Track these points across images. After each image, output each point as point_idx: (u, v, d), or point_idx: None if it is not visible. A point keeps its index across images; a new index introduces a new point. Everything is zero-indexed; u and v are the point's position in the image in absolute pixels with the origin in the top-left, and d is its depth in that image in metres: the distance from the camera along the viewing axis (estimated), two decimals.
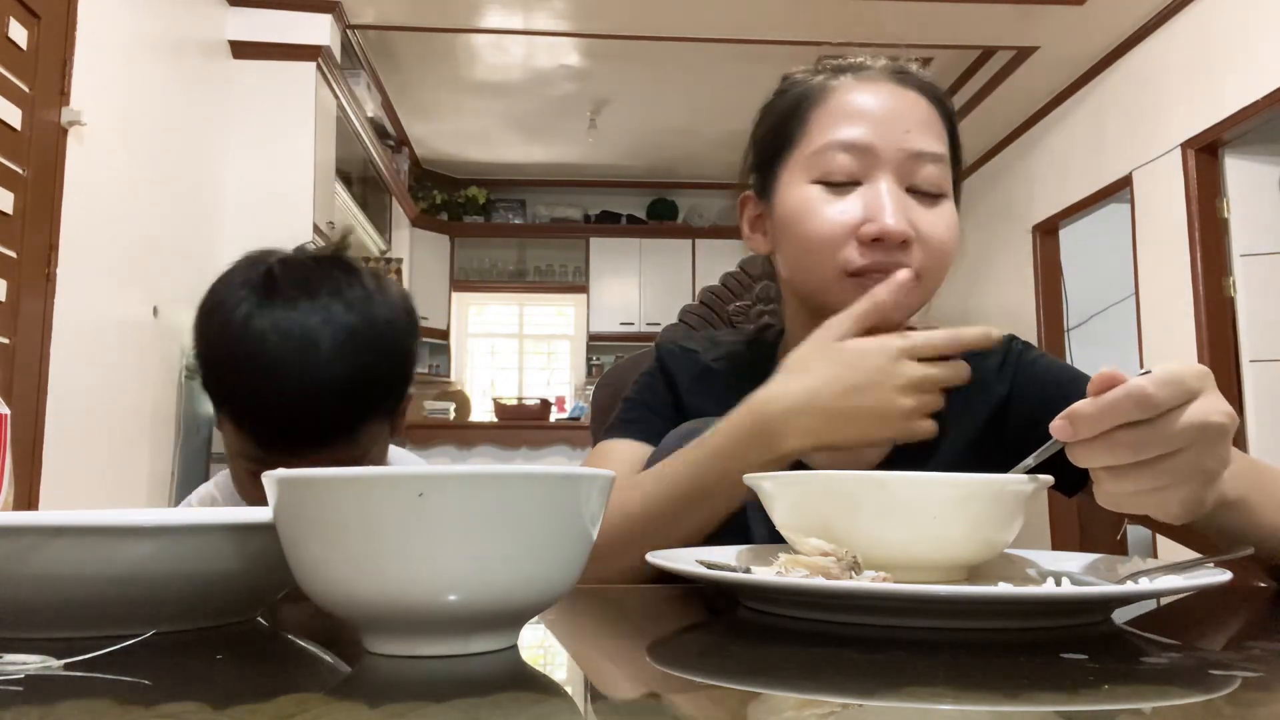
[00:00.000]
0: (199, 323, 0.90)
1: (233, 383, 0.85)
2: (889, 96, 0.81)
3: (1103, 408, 0.51)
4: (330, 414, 0.83)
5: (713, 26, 4.48)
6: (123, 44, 3.17)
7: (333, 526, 0.39)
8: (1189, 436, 0.51)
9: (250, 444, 0.84)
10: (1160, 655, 0.45)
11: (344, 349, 0.83)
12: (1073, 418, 0.52)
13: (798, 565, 0.53)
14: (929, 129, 0.81)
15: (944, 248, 0.80)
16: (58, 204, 2.73)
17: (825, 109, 0.82)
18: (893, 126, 0.79)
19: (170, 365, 3.57)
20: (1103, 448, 0.52)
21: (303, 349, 0.82)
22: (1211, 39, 3.89)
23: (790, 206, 0.82)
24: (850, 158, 0.79)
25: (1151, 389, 0.50)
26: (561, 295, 7.52)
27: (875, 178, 0.79)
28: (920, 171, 0.79)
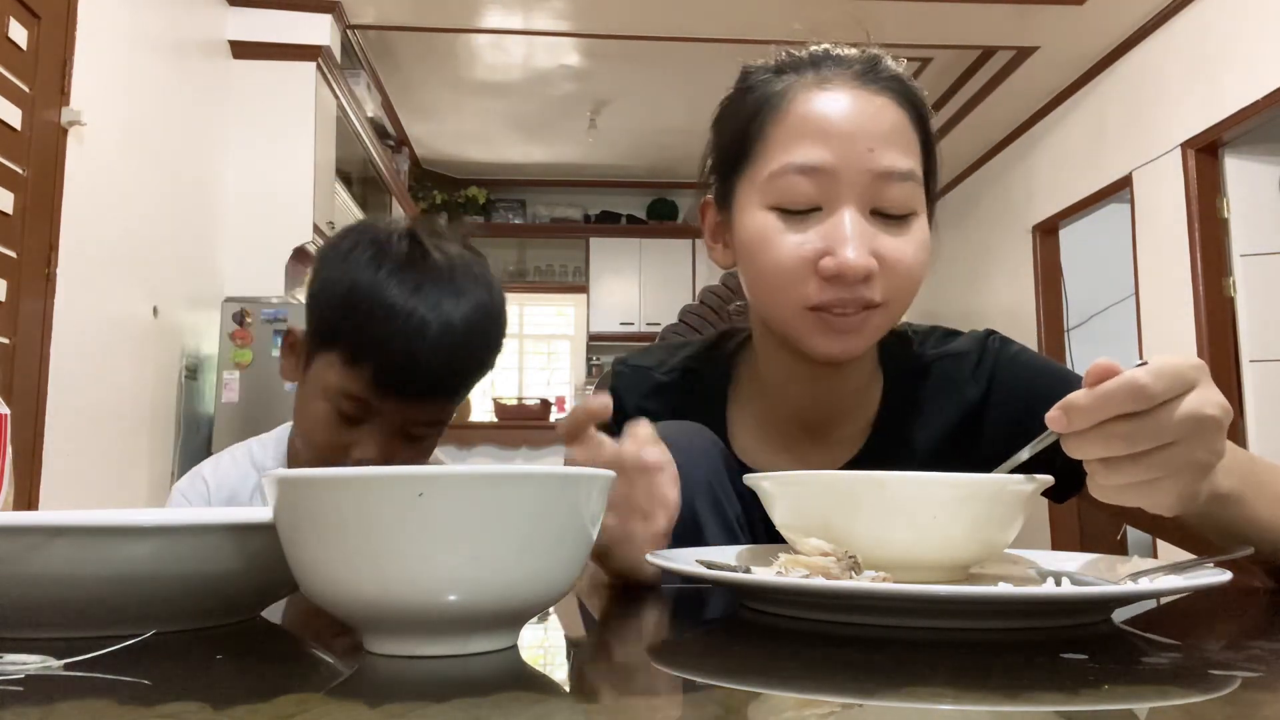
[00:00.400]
0: (322, 263, 0.95)
1: (361, 321, 0.89)
2: (851, 106, 0.75)
3: (1098, 399, 0.50)
4: (451, 369, 0.90)
5: (713, 26, 4.48)
6: (123, 44, 3.17)
7: (333, 526, 0.39)
8: (1184, 429, 0.51)
9: (359, 383, 0.89)
10: (1160, 655, 0.45)
11: (476, 316, 0.91)
12: (1068, 409, 0.51)
13: (798, 565, 0.53)
14: (896, 141, 0.75)
15: (910, 275, 0.75)
16: (58, 204, 2.73)
17: (783, 123, 0.76)
18: (855, 144, 0.73)
19: (170, 365, 3.57)
20: (1097, 439, 0.51)
21: (440, 305, 0.89)
22: (1211, 39, 3.89)
23: (747, 235, 0.77)
24: (809, 182, 0.73)
25: (1147, 380, 0.50)
26: (561, 295, 7.52)
27: (836, 203, 0.73)
28: (887, 192, 0.74)
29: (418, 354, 0.88)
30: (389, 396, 0.89)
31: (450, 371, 0.91)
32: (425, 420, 0.93)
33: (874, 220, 0.74)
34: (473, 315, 0.91)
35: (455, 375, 0.92)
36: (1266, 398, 3.78)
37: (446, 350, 0.89)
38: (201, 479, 1.06)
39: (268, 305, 3.76)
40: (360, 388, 0.89)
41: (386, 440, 0.92)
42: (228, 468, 1.07)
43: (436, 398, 0.92)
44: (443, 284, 0.90)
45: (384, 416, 0.91)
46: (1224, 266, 3.89)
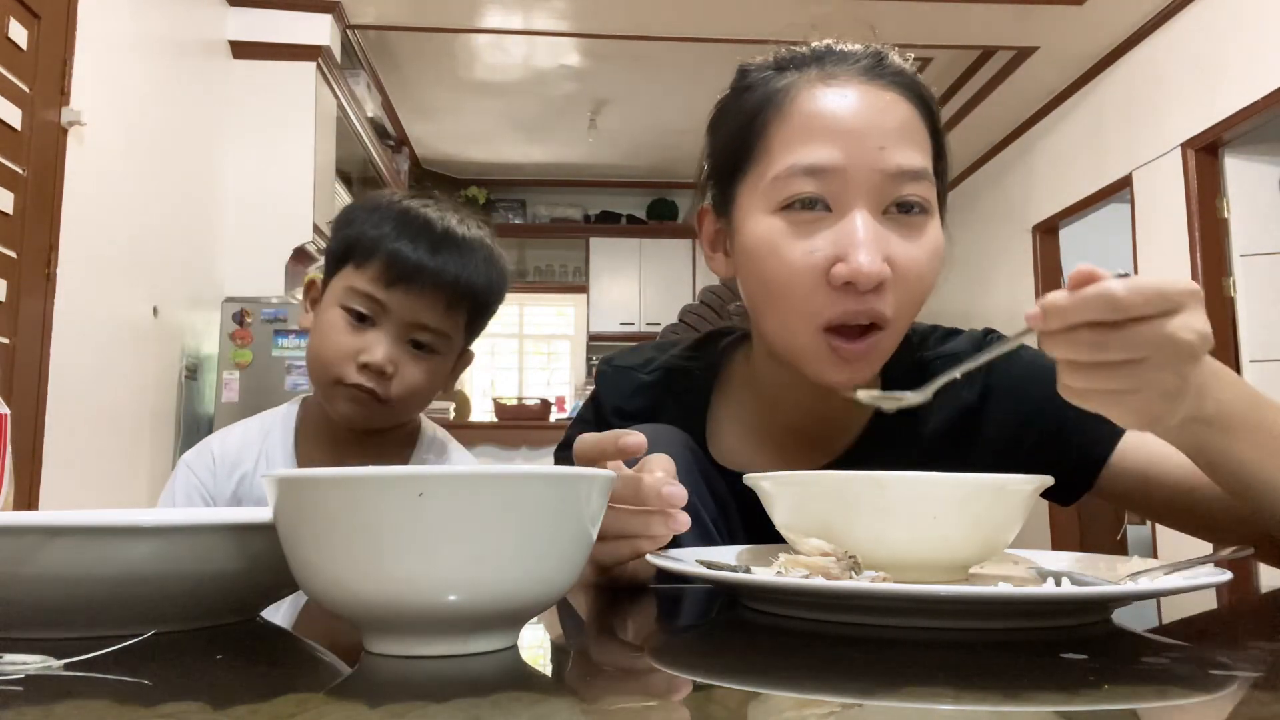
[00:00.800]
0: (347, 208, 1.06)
1: (375, 223, 0.99)
2: (860, 102, 0.71)
3: (1072, 303, 0.50)
4: (453, 270, 0.98)
5: (713, 26, 4.48)
6: (123, 44, 3.17)
7: (333, 526, 0.39)
8: (1153, 347, 0.50)
9: (368, 278, 0.97)
10: (1160, 655, 0.45)
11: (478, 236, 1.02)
12: (1045, 307, 0.51)
13: (798, 565, 0.53)
14: (908, 138, 0.71)
15: (922, 283, 0.72)
16: (58, 204, 2.73)
17: (787, 122, 0.72)
18: (865, 142, 0.69)
19: (170, 365, 3.57)
20: (1065, 341, 0.51)
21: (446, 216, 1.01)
22: (1211, 39, 3.89)
23: (751, 242, 0.73)
24: (817, 183, 0.69)
25: (1121, 293, 0.50)
26: (561, 295, 7.52)
27: (847, 206, 0.69)
28: (899, 191, 0.70)
29: (422, 246, 0.97)
30: (393, 287, 0.96)
31: (453, 273, 0.98)
32: (427, 325, 0.98)
33: (886, 222, 0.70)
34: (475, 234, 1.01)
35: (458, 279, 0.98)
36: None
37: (451, 251, 0.98)
38: (209, 450, 1.08)
39: (268, 305, 3.77)
40: (369, 282, 0.97)
41: (393, 343, 0.98)
42: (234, 439, 1.09)
43: (438, 296, 0.98)
44: (448, 210, 1.02)
45: (391, 316, 0.98)
46: (1224, 266, 3.89)
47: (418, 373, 1.00)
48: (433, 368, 1.01)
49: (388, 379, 0.98)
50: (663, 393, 0.87)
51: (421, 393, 1.02)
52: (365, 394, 0.98)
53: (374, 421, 1.02)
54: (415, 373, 0.99)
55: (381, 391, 0.98)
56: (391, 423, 1.05)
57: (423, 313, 0.98)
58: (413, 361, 0.99)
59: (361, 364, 0.96)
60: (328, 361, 0.98)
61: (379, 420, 1.02)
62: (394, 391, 0.98)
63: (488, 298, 1.03)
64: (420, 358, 1.00)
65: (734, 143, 0.76)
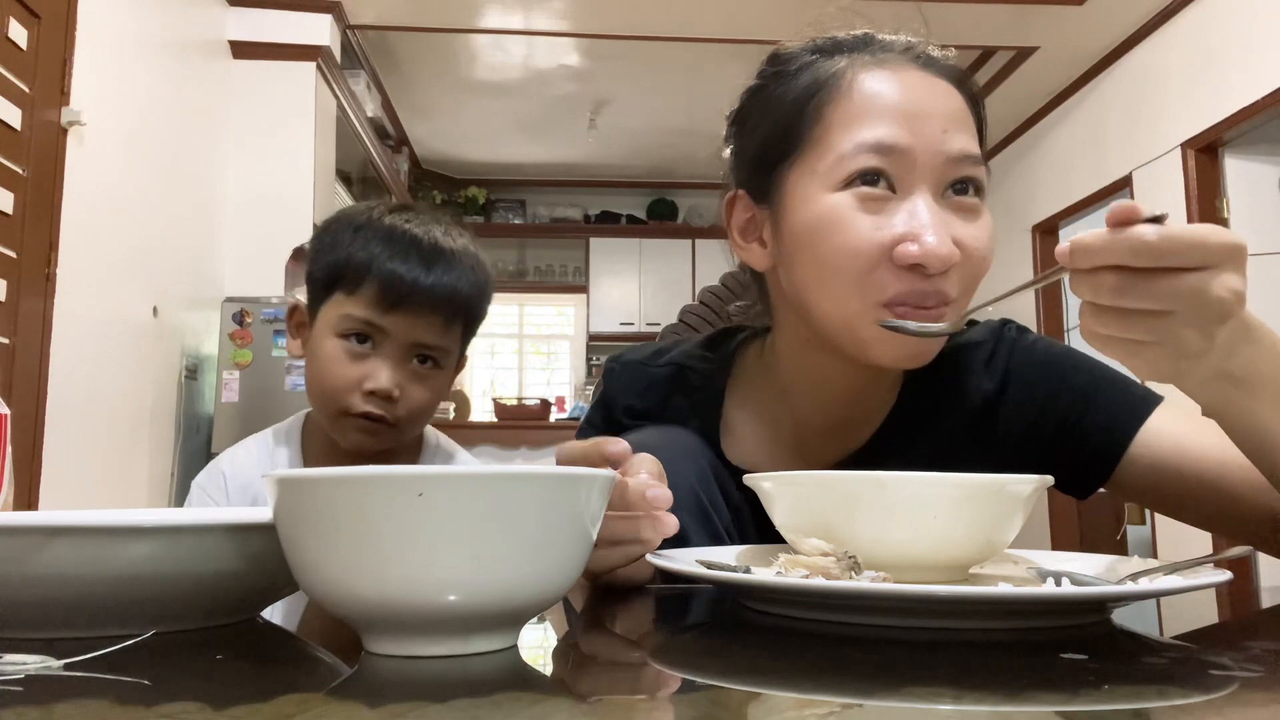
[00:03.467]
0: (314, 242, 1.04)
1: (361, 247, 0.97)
2: (919, 87, 0.71)
3: (1101, 243, 0.48)
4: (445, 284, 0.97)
5: (713, 26, 4.48)
6: (123, 44, 3.17)
7: (333, 526, 0.39)
8: (1180, 302, 0.49)
9: (362, 305, 0.96)
10: (1160, 655, 0.45)
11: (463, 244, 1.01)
12: (1075, 246, 0.50)
13: (798, 565, 0.53)
14: (965, 125, 0.71)
15: (983, 265, 0.71)
16: (58, 204, 2.73)
17: (846, 103, 0.70)
18: (929, 124, 0.69)
19: (170, 365, 3.57)
20: (1090, 282, 0.50)
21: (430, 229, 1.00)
22: (1212, 39, 3.89)
23: (810, 220, 0.70)
24: (883, 161, 0.68)
25: (1153, 239, 0.47)
26: (561, 295, 7.52)
27: (910, 187, 0.69)
28: (959, 173, 0.70)
29: (416, 268, 0.96)
30: (391, 311, 0.96)
31: (448, 288, 0.98)
32: (427, 343, 0.98)
33: (945, 204, 0.70)
34: (460, 243, 1.01)
35: (454, 294, 0.98)
36: None
37: (440, 266, 0.97)
38: (220, 471, 1.08)
39: (268, 305, 3.77)
40: (365, 308, 0.96)
41: (396, 366, 0.97)
42: (243, 458, 1.09)
43: (434, 315, 0.97)
44: (431, 224, 1.01)
45: (390, 339, 0.97)
46: None
47: (423, 391, 1.00)
48: (436, 383, 1.02)
49: (395, 402, 0.97)
50: (674, 390, 0.85)
51: (428, 410, 1.02)
52: (374, 421, 0.97)
53: (383, 444, 1.01)
54: (420, 392, 1.00)
55: (390, 416, 0.98)
56: (400, 442, 1.05)
57: (423, 332, 0.98)
58: (417, 381, 0.99)
59: (368, 391, 0.96)
60: (332, 394, 0.97)
61: (388, 442, 1.02)
62: (402, 413, 0.99)
63: (479, 306, 1.04)
64: (424, 375, 1.00)
65: (781, 128, 0.74)
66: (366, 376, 0.96)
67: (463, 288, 0.99)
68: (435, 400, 1.02)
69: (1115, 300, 0.49)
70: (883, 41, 0.75)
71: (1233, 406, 0.59)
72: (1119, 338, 0.51)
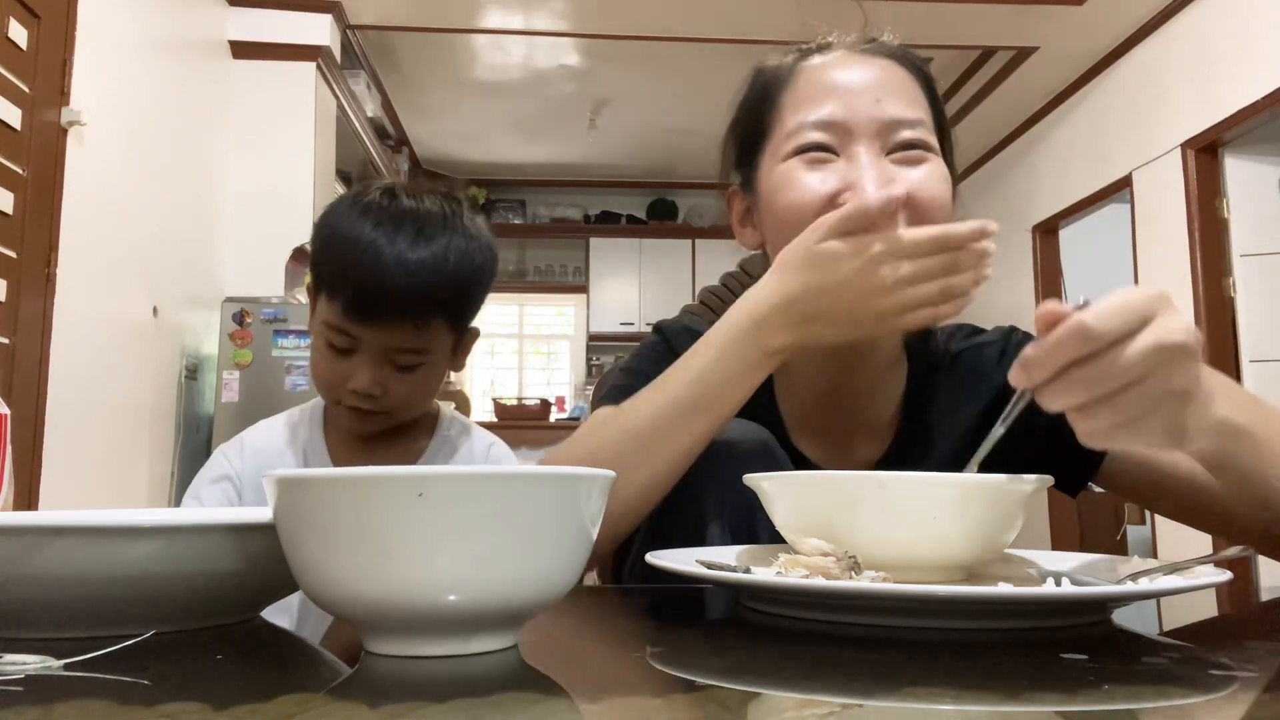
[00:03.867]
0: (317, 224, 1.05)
1: (333, 257, 0.99)
2: (857, 69, 0.79)
3: (1049, 348, 0.50)
4: (410, 294, 0.97)
5: (713, 26, 4.48)
6: (123, 44, 3.17)
7: (333, 526, 0.39)
8: (1148, 362, 0.50)
9: (337, 313, 0.98)
10: (1160, 655, 0.45)
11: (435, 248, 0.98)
12: (1024, 363, 0.51)
13: (798, 565, 0.53)
14: (903, 95, 0.78)
15: (934, 203, 0.75)
16: (58, 204, 2.73)
17: (795, 92, 0.80)
18: (863, 98, 0.77)
19: (170, 365, 3.57)
20: (1061, 388, 0.51)
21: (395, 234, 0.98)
22: (1211, 39, 3.89)
23: (768, 188, 0.80)
24: (824, 134, 0.76)
25: (1091, 322, 0.49)
26: (561, 295, 7.52)
27: (852, 150, 0.76)
28: (898, 137, 0.76)
29: (377, 280, 0.96)
30: (360, 322, 0.97)
31: (410, 297, 0.97)
32: (404, 347, 0.99)
33: (892, 160, 0.76)
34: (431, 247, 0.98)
35: (416, 300, 0.98)
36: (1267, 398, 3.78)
37: (404, 277, 0.96)
38: (240, 440, 1.12)
39: (268, 305, 3.77)
40: (338, 317, 0.97)
41: (375, 369, 0.99)
42: (263, 431, 1.13)
43: (404, 322, 0.98)
44: (406, 223, 0.99)
45: (366, 344, 0.99)
46: (1224, 266, 3.89)
47: (407, 385, 1.01)
48: (423, 375, 1.02)
49: (378, 399, 1.00)
50: None
51: (418, 397, 1.04)
52: (363, 411, 1.01)
53: (381, 427, 1.04)
54: (405, 386, 1.01)
55: (377, 408, 1.00)
56: (401, 422, 1.06)
57: (398, 339, 0.98)
58: (399, 378, 1.00)
59: (350, 390, 0.99)
60: (323, 387, 1.03)
61: (385, 425, 1.04)
62: (388, 406, 1.01)
63: (467, 292, 1.02)
64: (407, 371, 1.01)
65: (752, 120, 0.84)
66: (349, 376, 0.99)
67: (439, 286, 0.98)
68: (425, 388, 1.04)
69: (1093, 390, 0.50)
70: (832, 41, 0.83)
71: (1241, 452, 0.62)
72: (1119, 423, 0.52)
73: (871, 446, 0.86)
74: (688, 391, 0.72)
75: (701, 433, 0.73)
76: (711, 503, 0.73)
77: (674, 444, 0.72)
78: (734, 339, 0.72)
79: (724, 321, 0.74)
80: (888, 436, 0.85)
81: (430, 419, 1.13)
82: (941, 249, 0.67)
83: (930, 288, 0.67)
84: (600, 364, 7.22)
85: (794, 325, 0.71)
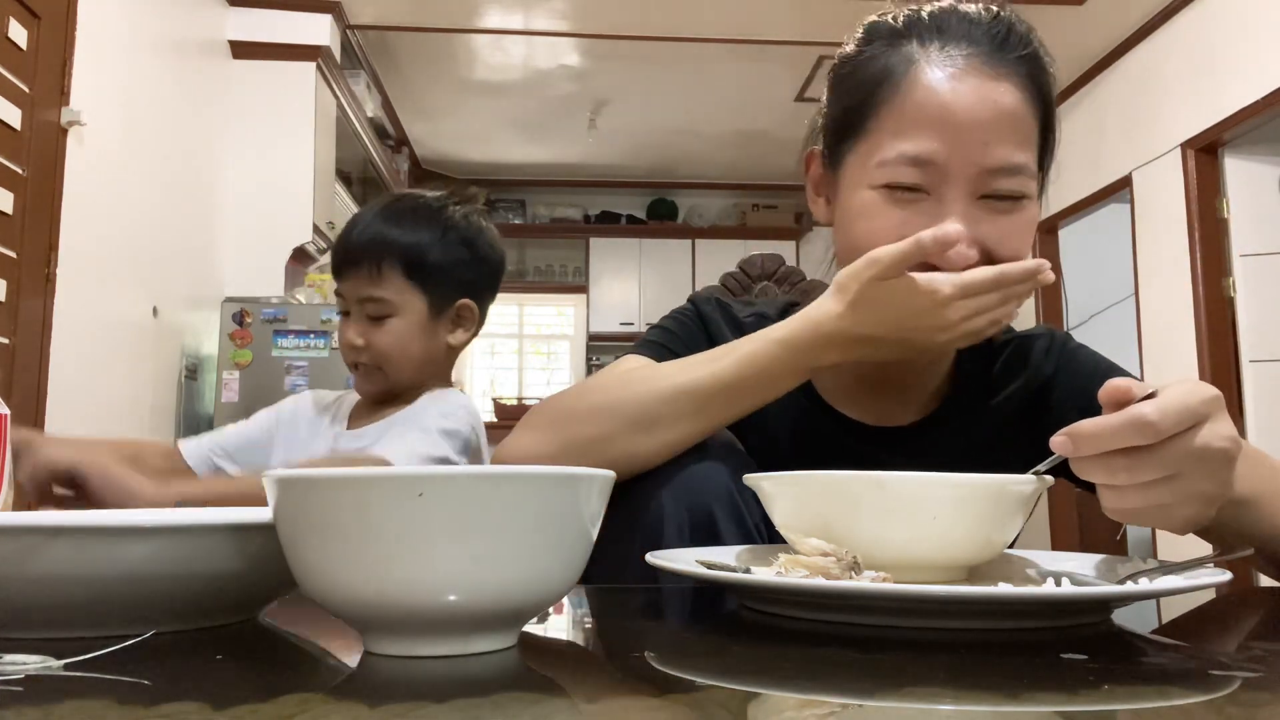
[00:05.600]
0: None
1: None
2: (972, 95, 0.73)
3: (1103, 430, 0.51)
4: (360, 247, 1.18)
5: (713, 26, 4.48)
6: (123, 44, 3.17)
7: (333, 526, 0.39)
8: (1189, 461, 0.51)
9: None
10: (1160, 655, 0.45)
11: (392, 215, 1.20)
12: (1074, 435, 0.52)
13: (798, 565, 0.53)
14: (1014, 133, 0.74)
15: (1013, 256, 0.74)
16: (58, 204, 2.73)
17: (899, 105, 0.74)
18: (971, 138, 0.72)
19: (170, 365, 3.56)
20: (1100, 467, 0.52)
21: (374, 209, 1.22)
22: (1211, 39, 3.89)
23: (850, 207, 0.78)
24: (918, 174, 0.73)
25: (1154, 417, 0.49)
26: (561, 295, 7.52)
27: (943, 191, 0.73)
28: (996, 184, 0.73)
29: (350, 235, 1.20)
30: (337, 279, 1.20)
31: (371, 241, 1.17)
32: (367, 296, 1.17)
33: (980, 207, 0.74)
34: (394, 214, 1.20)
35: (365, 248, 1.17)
36: (1266, 398, 3.78)
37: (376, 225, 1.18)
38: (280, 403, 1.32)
39: (268, 305, 3.76)
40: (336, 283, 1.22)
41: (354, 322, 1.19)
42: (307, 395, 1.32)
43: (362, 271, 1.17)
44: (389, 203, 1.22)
45: (348, 303, 1.20)
46: (1224, 266, 3.89)
47: (383, 335, 1.18)
48: (395, 328, 1.18)
49: (362, 350, 1.18)
50: None
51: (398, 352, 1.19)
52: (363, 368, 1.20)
53: (379, 385, 1.21)
54: (380, 336, 1.18)
55: (368, 360, 1.19)
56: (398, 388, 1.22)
57: (360, 288, 1.17)
58: (375, 328, 1.18)
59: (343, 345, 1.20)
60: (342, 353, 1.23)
61: (380, 384, 1.21)
62: (373, 358, 1.18)
63: (419, 246, 1.18)
64: (377, 323, 1.18)
65: (848, 110, 0.79)
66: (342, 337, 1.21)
67: (392, 238, 1.17)
68: (402, 344, 1.19)
69: (1133, 477, 0.51)
70: (960, 22, 0.76)
71: (1244, 521, 0.65)
72: (1145, 508, 0.53)
73: (915, 407, 0.88)
74: (734, 374, 0.75)
75: (737, 413, 0.76)
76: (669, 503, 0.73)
77: (706, 416, 0.75)
78: (789, 345, 0.74)
79: (785, 327, 0.75)
80: (933, 402, 0.88)
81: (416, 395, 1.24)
82: (999, 288, 0.69)
83: (983, 319, 0.70)
84: (600, 364, 7.22)
85: (849, 347, 0.73)
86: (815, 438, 0.86)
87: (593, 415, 0.77)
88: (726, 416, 0.76)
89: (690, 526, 0.72)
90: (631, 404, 0.75)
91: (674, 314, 0.95)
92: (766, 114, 5.69)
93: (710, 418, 0.75)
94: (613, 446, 0.74)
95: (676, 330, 0.91)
